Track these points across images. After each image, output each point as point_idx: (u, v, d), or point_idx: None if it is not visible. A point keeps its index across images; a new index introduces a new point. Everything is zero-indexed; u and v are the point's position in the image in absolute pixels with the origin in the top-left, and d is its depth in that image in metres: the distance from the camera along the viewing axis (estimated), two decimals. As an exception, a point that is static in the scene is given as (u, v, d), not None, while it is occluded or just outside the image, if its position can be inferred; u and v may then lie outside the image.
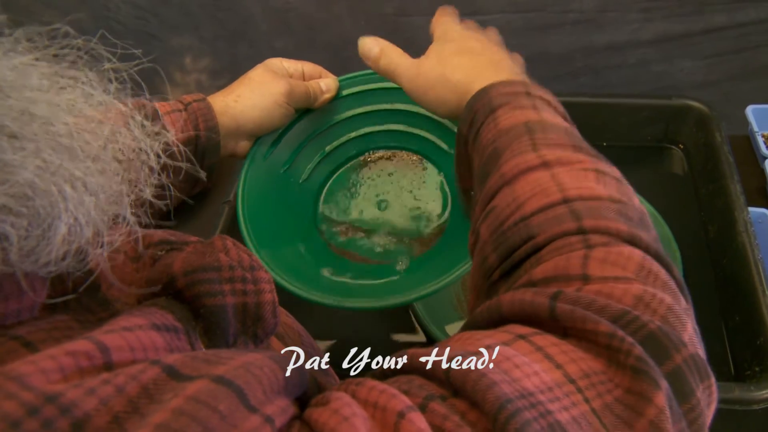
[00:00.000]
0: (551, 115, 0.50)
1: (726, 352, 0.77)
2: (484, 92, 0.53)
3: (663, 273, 0.38)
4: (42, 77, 0.30)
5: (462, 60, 0.58)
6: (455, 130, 0.70)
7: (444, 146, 0.72)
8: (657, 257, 0.39)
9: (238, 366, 0.26)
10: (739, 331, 0.75)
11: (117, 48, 0.35)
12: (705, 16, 1.24)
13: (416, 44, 0.63)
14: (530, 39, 1.31)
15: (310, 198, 0.73)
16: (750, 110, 0.99)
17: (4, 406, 0.22)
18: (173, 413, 0.23)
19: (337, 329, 0.79)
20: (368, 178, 0.74)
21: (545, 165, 0.44)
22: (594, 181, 0.43)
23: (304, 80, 0.72)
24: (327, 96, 0.72)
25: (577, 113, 0.53)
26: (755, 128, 0.97)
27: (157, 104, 0.62)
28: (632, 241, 0.39)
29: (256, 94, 0.67)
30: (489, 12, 1.28)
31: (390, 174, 0.74)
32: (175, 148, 0.58)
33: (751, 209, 0.82)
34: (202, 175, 0.61)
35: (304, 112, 0.73)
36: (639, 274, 0.37)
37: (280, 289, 0.60)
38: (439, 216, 0.70)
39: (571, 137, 0.48)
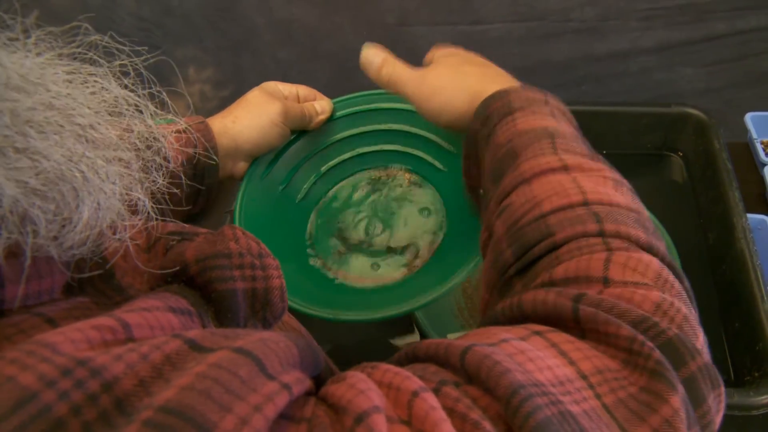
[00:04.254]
0: (567, 125, 0.51)
1: (726, 358, 0.77)
2: (504, 93, 0.53)
3: (677, 283, 0.38)
4: (63, 74, 0.32)
5: (472, 68, 0.59)
6: (450, 149, 0.71)
7: (438, 164, 0.73)
8: (670, 267, 0.40)
9: (255, 340, 0.27)
10: (738, 337, 0.76)
11: (127, 46, 0.36)
12: (705, 24, 1.25)
13: (418, 54, 0.64)
14: (532, 48, 1.32)
15: (306, 217, 0.74)
16: (749, 117, 0.99)
17: (40, 368, 0.24)
18: (197, 377, 0.24)
19: (338, 336, 0.79)
20: (363, 196, 0.75)
21: (565, 168, 0.45)
22: (612, 188, 0.44)
23: (299, 102, 0.73)
24: (322, 117, 0.74)
25: (577, 121, 0.54)
26: (754, 135, 0.97)
27: (158, 126, 0.63)
28: (650, 250, 0.40)
29: (253, 115, 0.68)
30: (491, 21, 1.30)
31: (385, 192, 0.75)
32: (188, 135, 0.59)
33: (750, 216, 0.83)
34: (212, 161, 0.63)
35: (300, 133, 0.74)
36: (657, 281, 0.37)
37: None
38: (435, 233, 0.70)
39: (587, 147, 0.49)
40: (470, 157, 0.57)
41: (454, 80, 0.58)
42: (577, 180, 0.44)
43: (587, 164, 0.46)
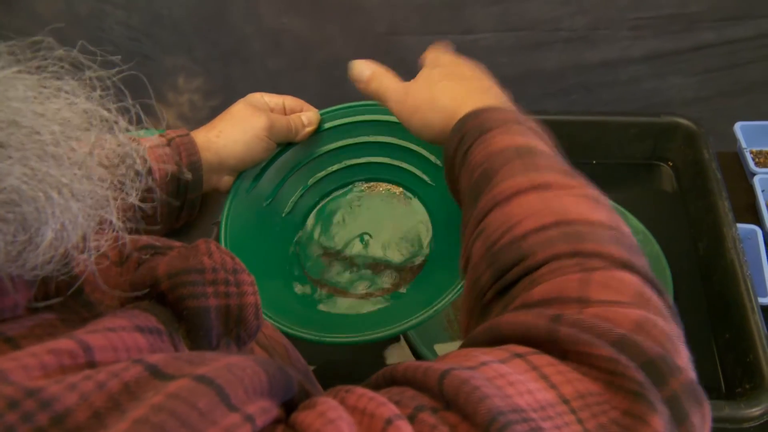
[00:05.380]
0: (542, 143, 0.51)
1: (716, 370, 0.76)
2: (474, 115, 0.53)
3: (658, 300, 0.38)
4: (26, 89, 0.30)
5: (450, 84, 0.58)
6: (438, 162, 0.70)
7: (426, 178, 0.72)
8: (651, 283, 0.39)
9: (221, 366, 0.26)
10: (729, 348, 0.75)
11: (98, 56, 0.35)
12: (694, 34, 1.25)
13: (408, 63, 0.64)
14: (522, 57, 1.32)
15: (293, 231, 0.74)
16: (738, 127, 1.00)
17: None
18: (152, 409, 0.23)
19: (326, 350, 0.78)
20: (351, 210, 0.75)
21: (539, 188, 0.45)
22: (588, 206, 0.43)
23: (285, 114, 0.72)
24: (309, 129, 0.73)
25: (566, 131, 0.54)
26: (743, 145, 0.97)
27: (141, 139, 0.63)
28: (628, 267, 0.39)
29: (238, 128, 0.67)
30: (481, 31, 1.30)
31: (373, 206, 0.75)
32: (161, 151, 0.59)
33: (740, 225, 0.83)
34: (188, 175, 0.62)
35: (286, 145, 0.73)
36: (636, 299, 0.37)
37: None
38: (422, 247, 0.70)
39: (561, 164, 0.48)
40: (450, 179, 0.56)
41: (431, 98, 0.57)
42: (551, 200, 0.43)
43: (563, 182, 0.45)
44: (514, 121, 0.52)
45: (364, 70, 0.62)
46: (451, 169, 0.55)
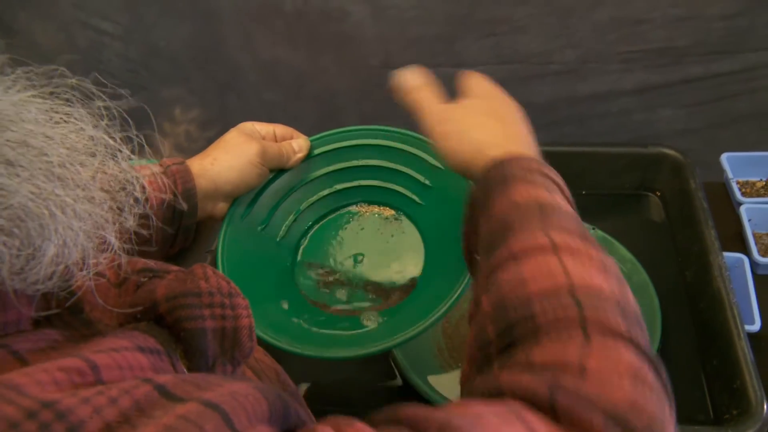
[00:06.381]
0: (561, 199, 0.51)
1: (704, 396, 0.77)
2: (501, 163, 0.53)
3: (653, 377, 0.39)
4: (38, 112, 0.32)
5: (488, 121, 0.58)
6: (428, 183, 0.72)
7: (416, 198, 0.74)
8: (647, 358, 0.40)
9: (225, 393, 0.28)
10: (716, 375, 0.76)
11: (108, 88, 0.37)
12: (682, 67, 1.28)
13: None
14: (514, 90, 1.33)
15: (287, 255, 0.75)
16: (725, 158, 1.01)
17: (3, 410, 0.24)
18: (164, 428, 0.25)
19: (317, 374, 0.79)
20: (343, 233, 0.76)
21: (554, 248, 0.45)
22: (599, 273, 0.44)
23: (276, 141, 0.74)
24: (300, 155, 0.75)
25: (556, 162, 0.54)
26: (730, 175, 0.99)
27: (138, 167, 0.64)
28: (629, 340, 0.40)
29: (231, 155, 0.69)
30: (473, 64, 1.32)
31: (365, 228, 0.76)
32: (157, 179, 0.60)
33: (727, 254, 0.84)
34: (183, 205, 0.63)
35: (279, 172, 0.75)
36: (631, 377, 0.38)
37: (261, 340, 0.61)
38: (414, 267, 0.71)
39: (578, 225, 0.48)
40: (469, 220, 0.56)
41: (466, 130, 0.58)
42: (564, 262, 0.44)
43: (575, 243, 0.45)
44: (537, 172, 0.52)
45: (410, 79, 0.61)
46: (473, 211, 0.55)
